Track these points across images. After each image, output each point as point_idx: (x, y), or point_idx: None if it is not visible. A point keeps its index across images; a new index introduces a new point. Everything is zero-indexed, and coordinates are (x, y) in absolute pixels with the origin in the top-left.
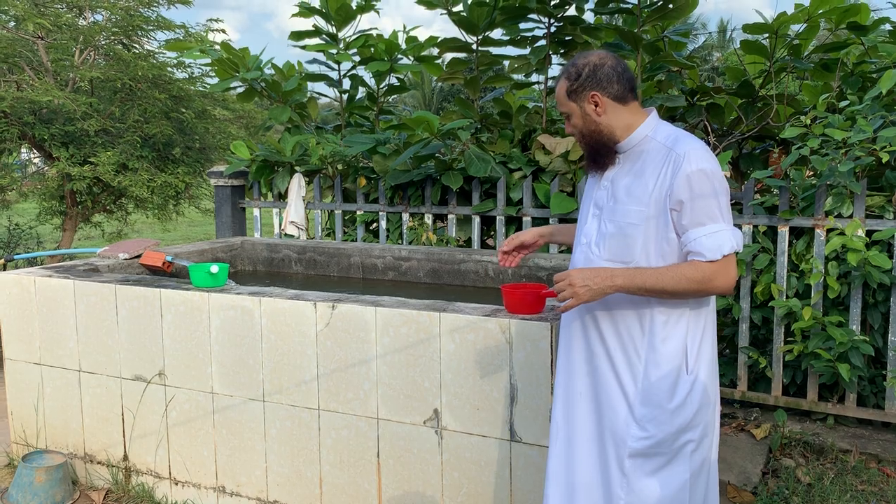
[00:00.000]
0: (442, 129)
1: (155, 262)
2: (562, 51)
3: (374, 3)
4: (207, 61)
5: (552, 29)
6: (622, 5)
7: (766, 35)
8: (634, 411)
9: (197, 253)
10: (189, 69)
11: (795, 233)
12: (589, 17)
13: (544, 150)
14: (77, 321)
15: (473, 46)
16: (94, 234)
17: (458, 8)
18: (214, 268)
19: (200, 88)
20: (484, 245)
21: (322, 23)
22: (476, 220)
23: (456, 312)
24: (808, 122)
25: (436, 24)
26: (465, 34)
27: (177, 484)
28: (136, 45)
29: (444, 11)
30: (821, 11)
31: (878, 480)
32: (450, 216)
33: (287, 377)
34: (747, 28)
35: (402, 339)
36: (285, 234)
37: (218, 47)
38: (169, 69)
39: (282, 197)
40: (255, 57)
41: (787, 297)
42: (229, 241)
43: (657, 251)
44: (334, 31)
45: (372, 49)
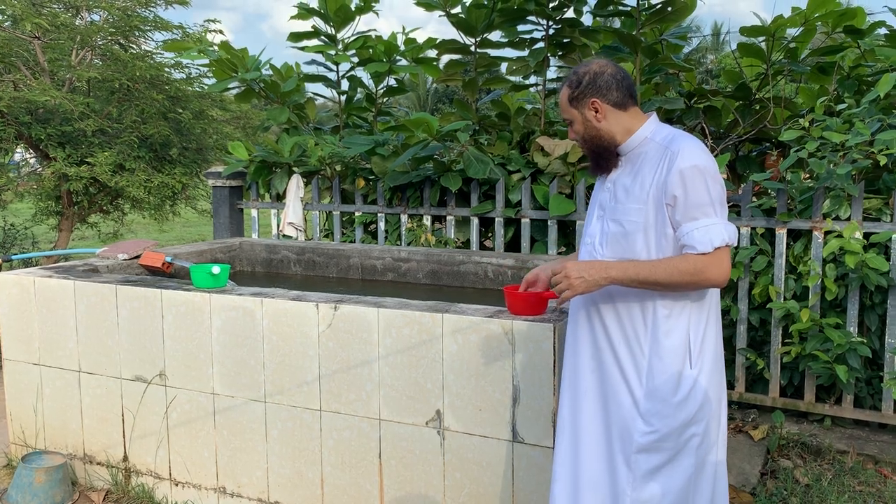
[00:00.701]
0: (441, 131)
1: (154, 263)
2: (560, 53)
3: (372, 4)
4: (205, 62)
5: (550, 31)
6: (620, 8)
7: (763, 38)
8: (640, 406)
9: (196, 254)
10: (186, 69)
11: (793, 235)
12: (587, 19)
13: (543, 151)
14: (77, 321)
15: (472, 48)
16: (90, 234)
17: (457, 10)
18: (216, 268)
19: (198, 89)
20: (482, 246)
21: (321, 24)
22: (475, 221)
23: (458, 313)
24: (807, 124)
25: (430, 26)
26: (463, 36)
27: (177, 485)
28: (134, 46)
29: (443, 13)
30: (817, 15)
31: (876, 481)
32: (448, 217)
33: (289, 378)
34: (744, 31)
35: (404, 340)
36: (283, 235)
37: (216, 48)
38: (166, 70)
39: (280, 198)
40: (254, 58)
41: (785, 298)
42: (228, 242)
43: (657, 247)
44: (333, 33)
45: (370, 50)
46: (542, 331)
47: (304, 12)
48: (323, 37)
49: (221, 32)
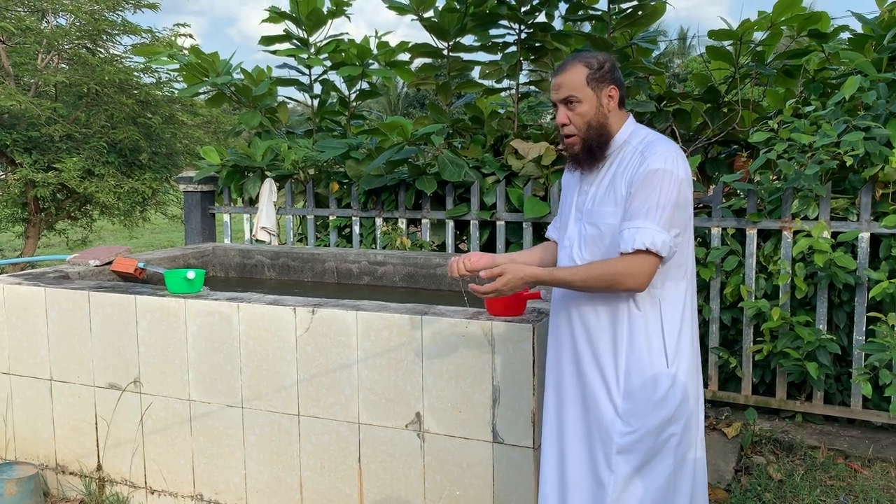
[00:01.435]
0: (415, 134)
1: (126, 269)
2: (532, 57)
3: (344, 7)
4: (176, 66)
5: (523, 35)
6: (591, 12)
7: (731, 42)
8: (618, 406)
9: (168, 259)
10: (156, 74)
11: (763, 235)
12: (559, 23)
13: (517, 154)
14: (48, 329)
15: (445, 52)
16: (57, 241)
17: (430, 14)
18: (191, 273)
19: (168, 93)
20: (458, 249)
21: (293, 27)
22: (450, 224)
23: (438, 316)
24: (775, 126)
25: (400, 30)
26: (436, 40)
27: (153, 493)
28: (102, 50)
29: (416, 17)
30: (783, 19)
31: (846, 475)
32: (424, 221)
33: (266, 383)
34: (712, 34)
35: (383, 342)
36: (256, 240)
37: (186, 52)
38: (136, 74)
39: (252, 202)
40: (226, 62)
41: (756, 297)
42: (201, 248)
43: None
44: (305, 36)
45: (343, 54)
46: (522, 331)
47: (276, 16)
48: (295, 40)
49: (191, 36)
